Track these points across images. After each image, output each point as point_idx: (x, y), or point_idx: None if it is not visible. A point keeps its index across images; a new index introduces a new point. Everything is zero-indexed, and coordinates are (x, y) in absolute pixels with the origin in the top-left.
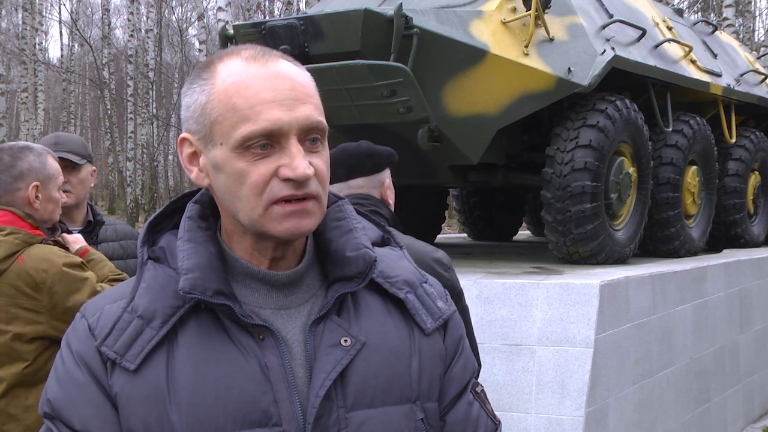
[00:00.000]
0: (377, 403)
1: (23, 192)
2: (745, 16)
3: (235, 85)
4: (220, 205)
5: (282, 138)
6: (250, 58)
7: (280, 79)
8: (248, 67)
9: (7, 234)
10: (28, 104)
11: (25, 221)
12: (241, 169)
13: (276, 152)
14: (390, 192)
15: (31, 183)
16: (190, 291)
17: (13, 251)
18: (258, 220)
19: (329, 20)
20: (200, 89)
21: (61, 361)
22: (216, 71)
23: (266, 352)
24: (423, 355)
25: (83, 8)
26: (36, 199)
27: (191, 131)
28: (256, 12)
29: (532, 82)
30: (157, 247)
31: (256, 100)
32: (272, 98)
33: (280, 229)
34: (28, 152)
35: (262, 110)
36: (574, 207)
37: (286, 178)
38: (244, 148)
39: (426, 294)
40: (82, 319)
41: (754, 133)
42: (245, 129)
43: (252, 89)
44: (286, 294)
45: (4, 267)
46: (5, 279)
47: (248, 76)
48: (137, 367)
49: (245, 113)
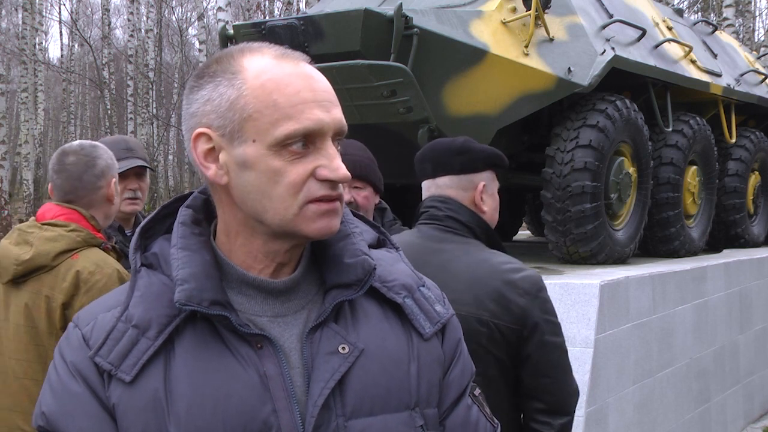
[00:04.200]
0: (376, 411)
1: (104, 190)
2: (745, 16)
3: (273, 82)
4: (233, 205)
5: (318, 139)
6: (280, 56)
7: (315, 79)
8: (281, 65)
9: (71, 230)
10: (28, 104)
11: (89, 222)
12: (278, 168)
13: (311, 153)
14: (488, 198)
15: (111, 179)
16: (186, 303)
17: (71, 248)
18: (291, 219)
19: (329, 20)
20: (227, 83)
21: (55, 372)
22: (243, 66)
23: (264, 361)
24: (421, 360)
25: (83, 8)
26: (115, 194)
27: (212, 126)
28: (256, 12)
29: (532, 82)
30: (150, 253)
31: (298, 99)
32: (313, 98)
33: (314, 227)
34: (101, 150)
35: (304, 109)
36: (574, 207)
37: (325, 179)
38: (282, 147)
39: (424, 298)
40: (75, 328)
41: (754, 133)
42: (287, 127)
43: (292, 87)
44: (282, 301)
45: (57, 262)
46: (54, 273)
47: (286, 74)
48: (133, 378)
49: (287, 111)
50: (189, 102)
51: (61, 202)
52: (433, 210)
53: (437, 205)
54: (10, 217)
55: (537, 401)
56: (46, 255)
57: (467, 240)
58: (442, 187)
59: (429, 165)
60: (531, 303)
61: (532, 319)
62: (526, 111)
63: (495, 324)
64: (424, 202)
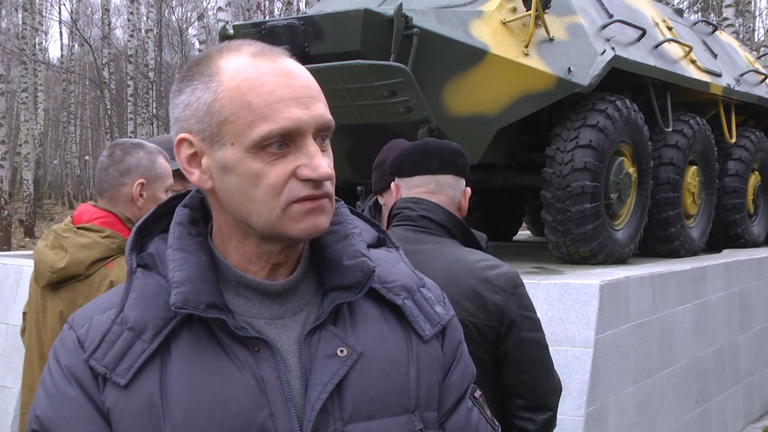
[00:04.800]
0: (375, 415)
1: (128, 188)
2: (745, 16)
3: (248, 83)
4: (222, 208)
5: (298, 137)
6: (256, 54)
7: (292, 76)
8: (257, 63)
9: (106, 236)
10: (28, 104)
11: (125, 225)
12: (257, 170)
13: (292, 152)
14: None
15: (136, 180)
16: (182, 306)
17: (106, 255)
18: (276, 222)
19: (329, 20)
20: (203, 86)
21: (50, 376)
22: (219, 67)
23: (262, 364)
24: (421, 363)
25: (83, 8)
26: (140, 197)
27: (192, 131)
28: (256, 12)
29: (532, 82)
30: (146, 253)
31: (273, 98)
32: (289, 96)
33: (300, 227)
34: (139, 149)
35: (280, 108)
36: (574, 207)
37: (306, 178)
38: (259, 148)
39: (424, 299)
40: (70, 330)
41: (754, 133)
42: (263, 128)
43: (267, 86)
44: (280, 303)
45: (92, 271)
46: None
47: (261, 73)
48: (128, 382)
49: (262, 112)
50: (173, 107)
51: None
52: (405, 211)
53: (410, 206)
54: (10, 217)
55: (518, 398)
56: (81, 264)
57: (440, 239)
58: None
59: (437, 160)
60: (507, 300)
61: (509, 316)
62: (526, 111)
63: (472, 323)
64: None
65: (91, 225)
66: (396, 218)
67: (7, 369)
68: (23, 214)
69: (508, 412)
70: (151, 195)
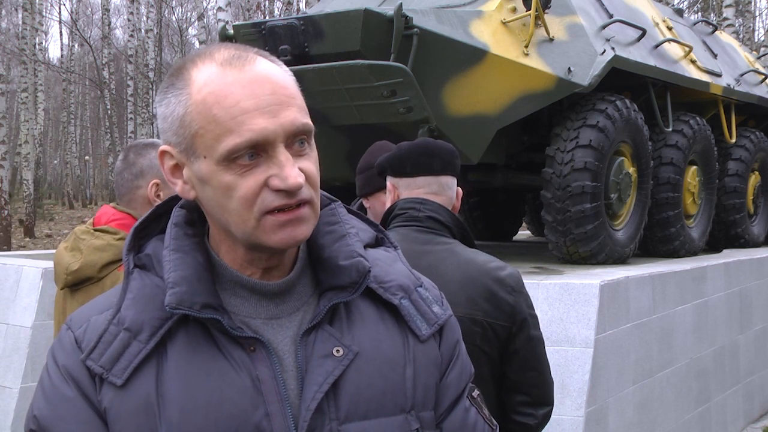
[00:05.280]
0: (371, 415)
1: (143, 190)
2: (745, 16)
3: (213, 95)
4: (209, 216)
5: (268, 147)
6: (226, 62)
7: (259, 83)
8: (225, 73)
9: (119, 239)
10: (28, 104)
11: None
12: (229, 183)
13: (263, 162)
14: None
15: (150, 181)
16: (177, 306)
17: (118, 258)
18: (251, 233)
19: (329, 20)
20: (176, 99)
21: (48, 376)
22: (190, 79)
23: (257, 364)
24: (418, 362)
25: (83, 8)
26: (156, 197)
27: (171, 143)
28: (256, 12)
29: (532, 82)
30: (143, 254)
31: (237, 110)
32: (254, 106)
33: (275, 239)
34: (151, 149)
35: (245, 120)
36: (574, 207)
37: (277, 189)
38: (230, 161)
39: (421, 299)
40: (68, 331)
41: (754, 133)
42: (229, 142)
43: (232, 98)
44: (276, 303)
45: (104, 274)
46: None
47: (226, 84)
48: (125, 382)
49: (227, 125)
50: (158, 117)
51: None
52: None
53: (415, 206)
54: (10, 217)
55: (521, 394)
56: (93, 266)
57: (449, 241)
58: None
59: (439, 161)
60: (518, 299)
61: (521, 314)
62: (526, 111)
63: (488, 323)
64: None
65: (108, 227)
66: (400, 218)
67: (7, 369)
68: (23, 214)
69: (507, 408)
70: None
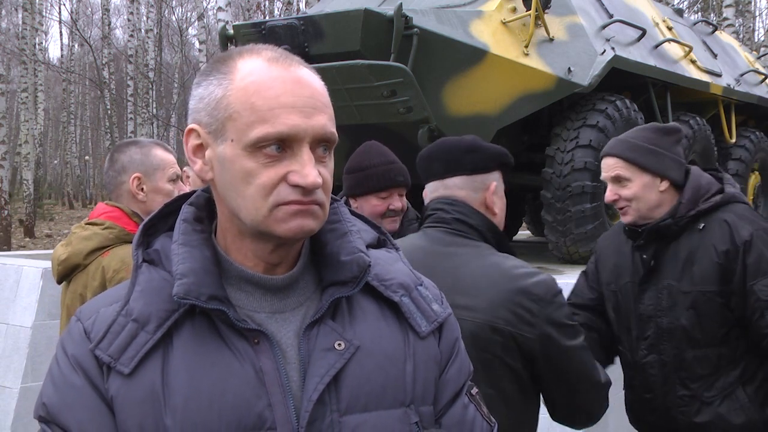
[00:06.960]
0: (371, 407)
1: (126, 185)
2: (745, 16)
3: (255, 85)
4: (220, 202)
5: (295, 144)
6: (273, 60)
7: (300, 85)
8: (270, 68)
9: (105, 228)
10: (28, 104)
11: (131, 219)
12: (250, 169)
13: (287, 157)
14: (498, 199)
15: (132, 175)
16: (184, 297)
17: (102, 245)
18: (262, 221)
19: (329, 20)
20: (217, 82)
21: (57, 365)
22: (236, 67)
23: (261, 356)
24: (417, 358)
25: (83, 8)
26: (139, 190)
27: (201, 123)
28: (256, 12)
29: (532, 82)
30: (152, 249)
31: (275, 102)
32: (292, 103)
33: (285, 228)
34: (131, 146)
35: (280, 114)
36: (574, 207)
37: (295, 184)
38: (256, 149)
39: (421, 297)
40: (78, 322)
41: (754, 133)
42: (261, 130)
43: (273, 91)
44: (280, 298)
45: (89, 260)
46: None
47: (270, 78)
48: (132, 371)
49: (263, 114)
50: (191, 98)
51: None
52: (440, 212)
53: (445, 207)
54: (10, 217)
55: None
56: (79, 254)
57: (476, 244)
58: (452, 188)
59: (438, 164)
60: (545, 309)
61: (548, 326)
62: (526, 111)
63: (510, 332)
64: (429, 204)
65: (97, 219)
66: (430, 219)
67: (7, 369)
68: (23, 214)
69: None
70: (152, 187)
